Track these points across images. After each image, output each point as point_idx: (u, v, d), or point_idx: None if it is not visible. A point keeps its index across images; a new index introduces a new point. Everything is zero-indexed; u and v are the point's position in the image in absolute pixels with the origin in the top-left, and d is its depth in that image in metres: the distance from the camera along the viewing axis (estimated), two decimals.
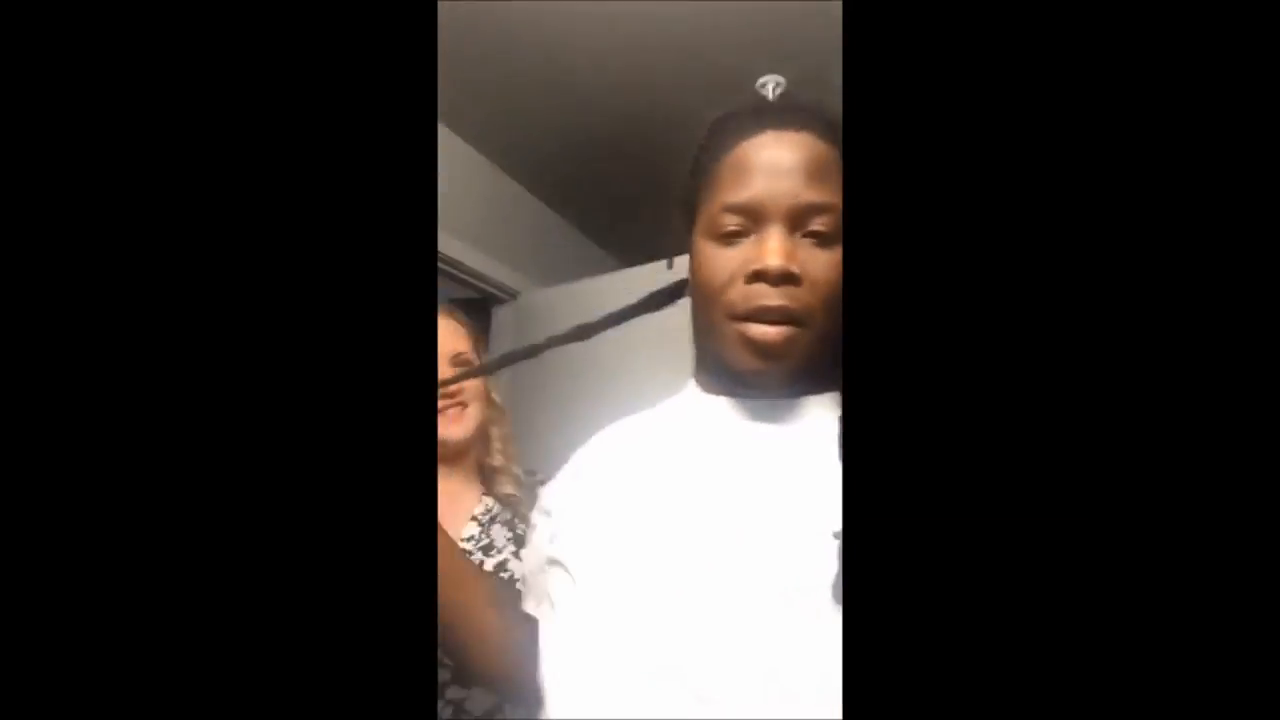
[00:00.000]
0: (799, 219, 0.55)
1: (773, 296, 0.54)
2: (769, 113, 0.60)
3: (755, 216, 0.56)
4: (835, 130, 0.58)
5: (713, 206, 0.58)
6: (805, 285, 0.55)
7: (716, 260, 0.57)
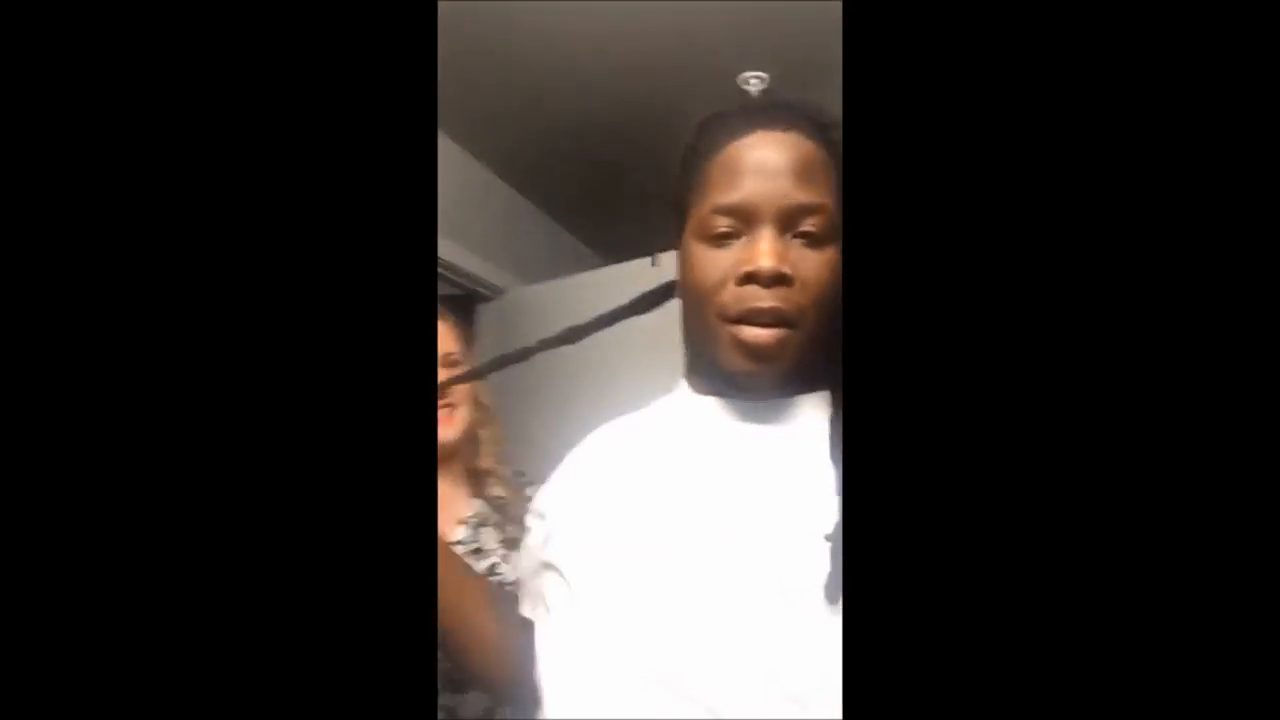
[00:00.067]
0: (790, 220, 0.55)
1: (765, 298, 0.54)
2: (757, 112, 0.59)
3: (746, 218, 0.56)
4: (823, 129, 0.58)
5: (703, 208, 0.58)
6: (797, 286, 0.55)
7: (707, 262, 0.57)
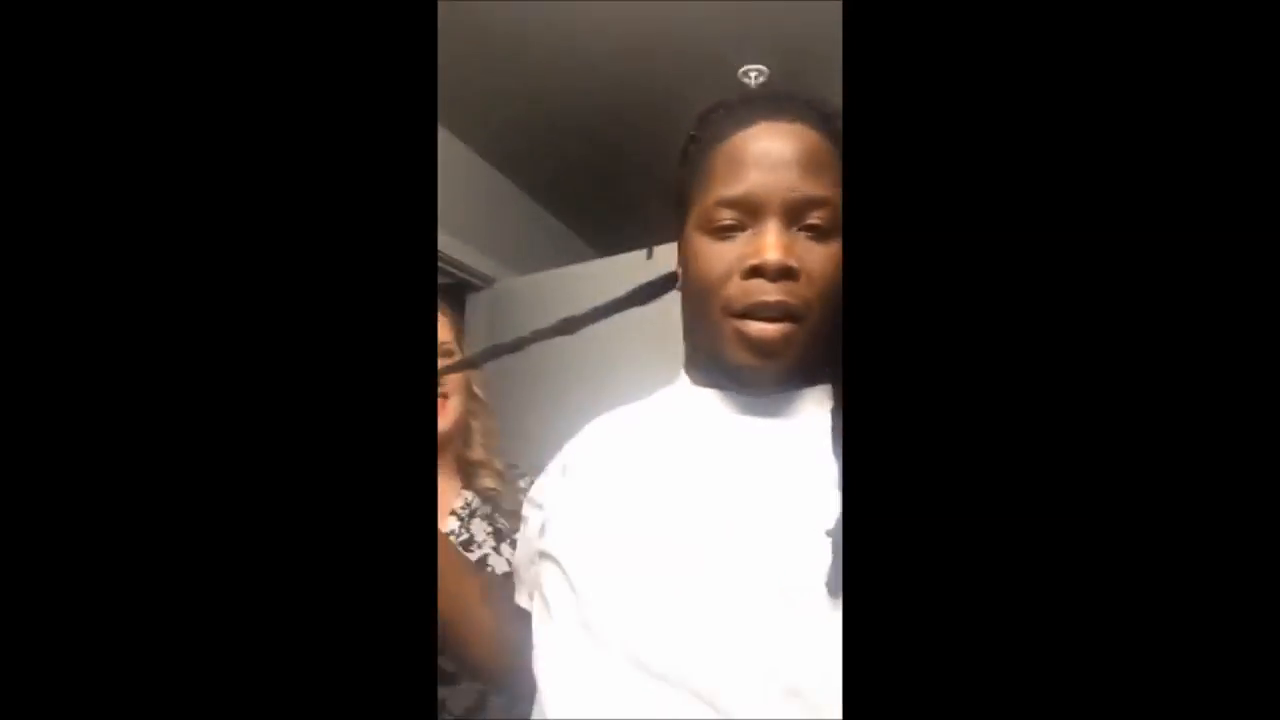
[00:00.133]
0: (796, 213, 0.54)
1: (772, 292, 0.53)
2: (761, 102, 0.58)
3: (751, 210, 0.55)
4: (827, 120, 0.57)
5: (706, 200, 0.57)
6: (803, 280, 0.54)
7: (712, 255, 0.56)
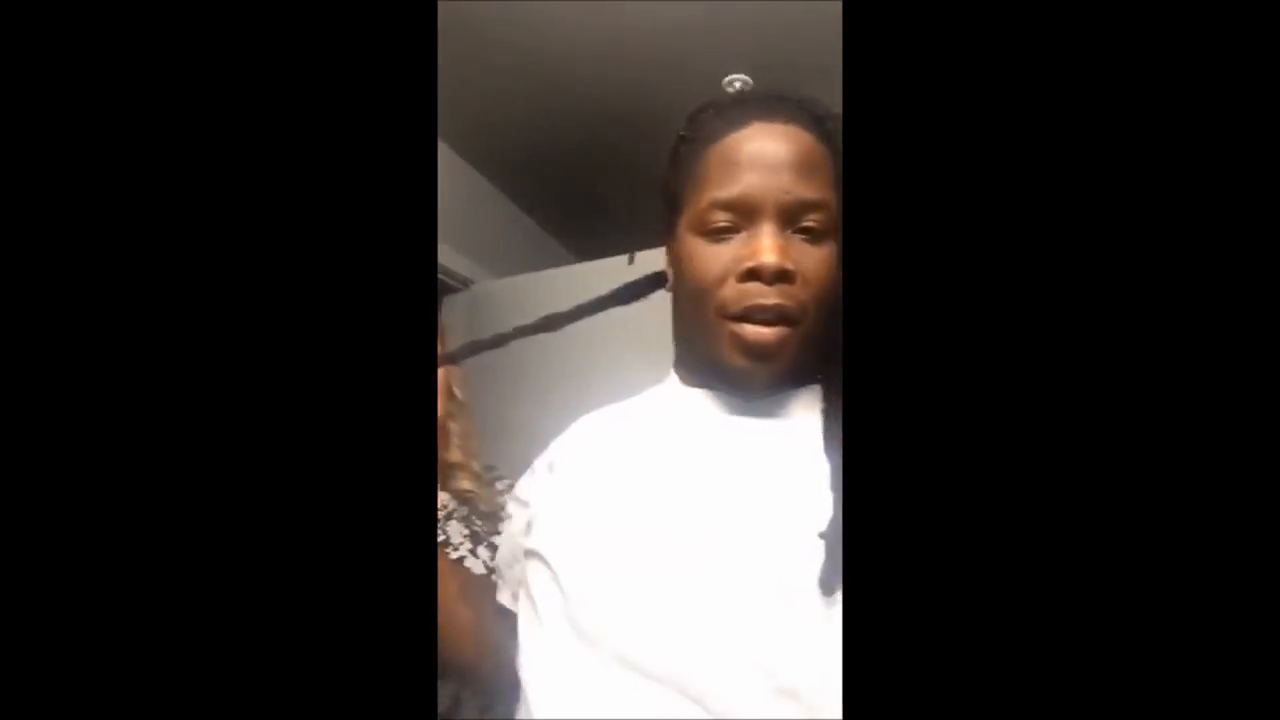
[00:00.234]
0: (791, 215, 0.54)
1: (768, 295, 0.53)
2: (753, 103, 0.58)
3: (746, 212, 0.55)
4: (820, 123, 0.57)
5: (699, 201, 0.57)
6: (798, 283, 0.54)
7: (706, 257, 0.56)
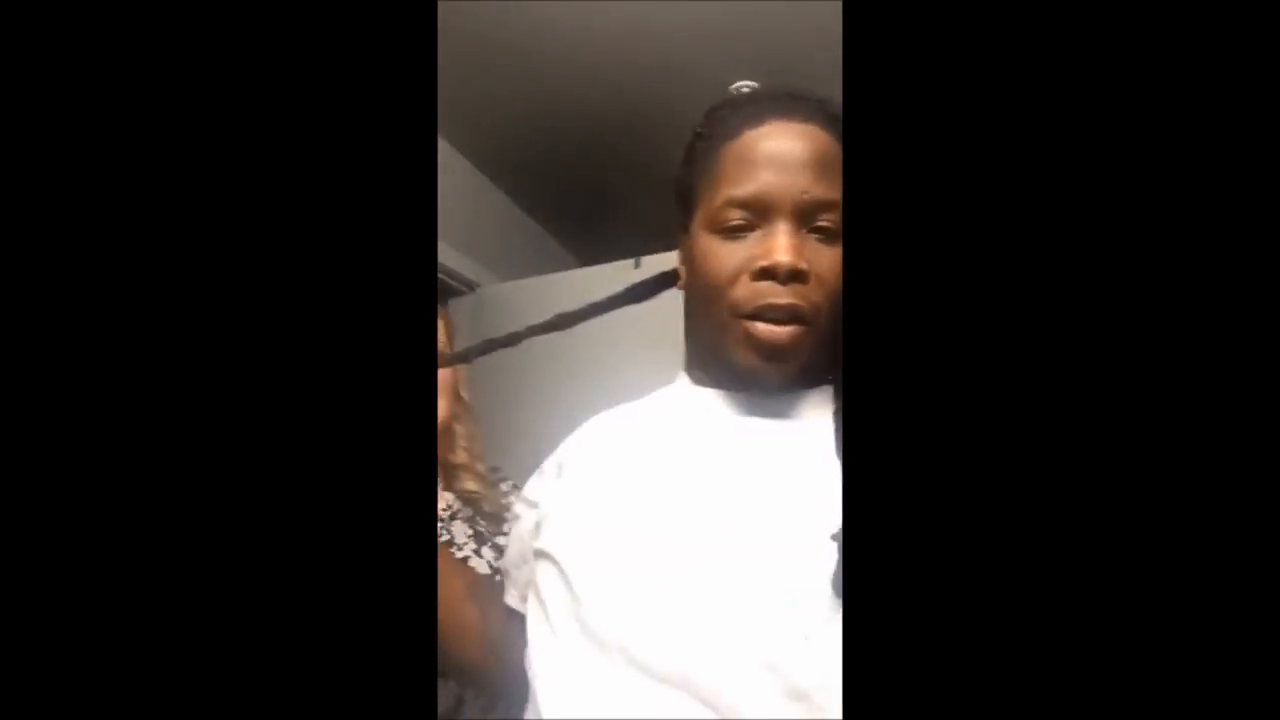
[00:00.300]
0: (806, 215, 0.54)
1: (781, 295, 0.53)
2: (771, 101, 0.58)
3: (761, 211, 0.55)
4: (837, 123, 0.57)
5: (715, 199, 0.56)
6: (812, 283, 0.54)
7: (720, 255, 0.56)
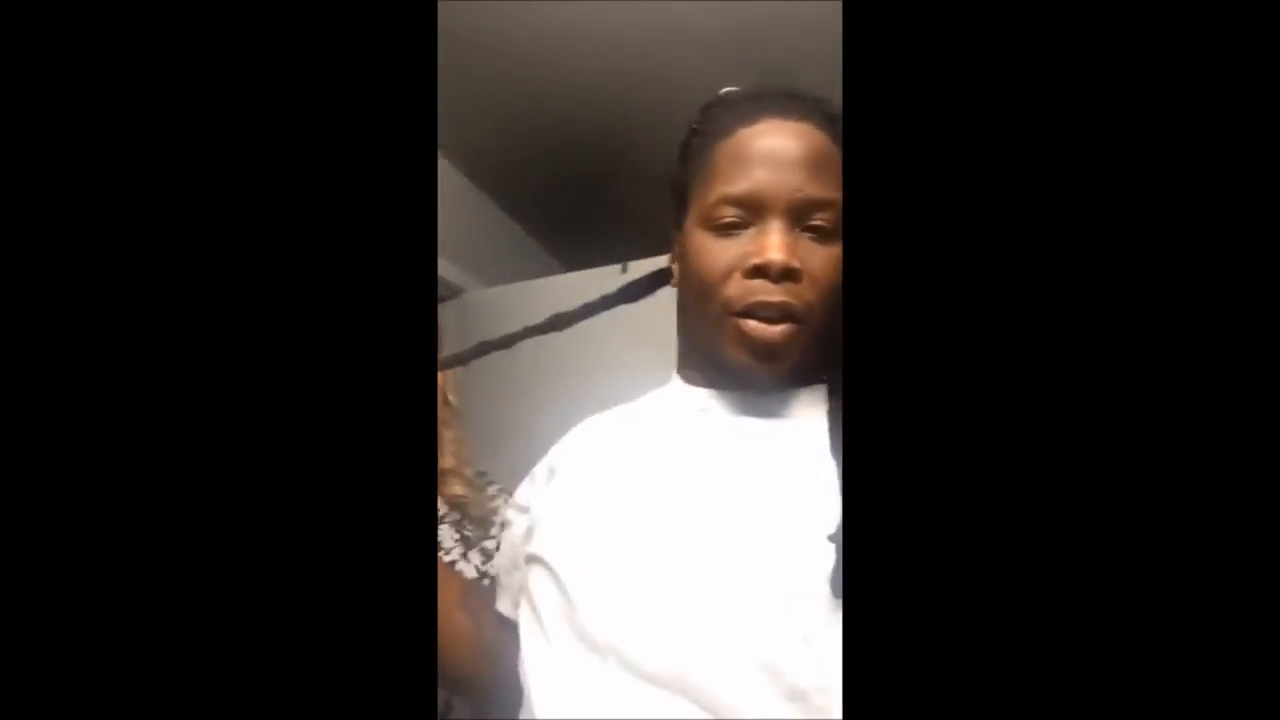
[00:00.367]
0: (800, 213, 0.54)
1: (774, 292, 0.53)
2: (767, 99, 0.58)
3: (755, 209, 0.54)
4: (833, 122, 0.57)
5: (709, 196, 0.56)
6: (805, 281, 0.53)
7: (713, 252, 0.55)
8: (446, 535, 1.03)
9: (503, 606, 0.63)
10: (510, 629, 0.58)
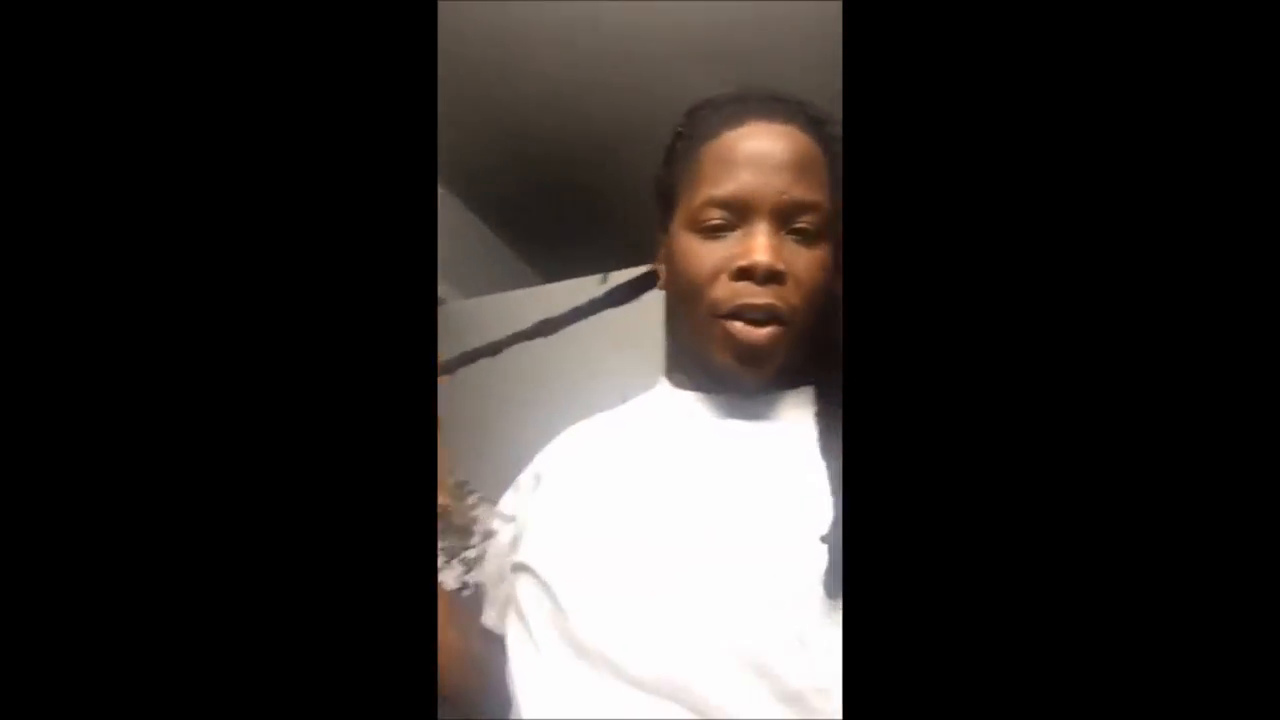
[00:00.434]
0: (785, 216, 0.54)
1: (759, 295, 0.53)
2: (752, 102, 0.58)
3: (741, 211, 0.54)
4: (818, 125, 0.57)
5: (695, 198, 0.56)
6: (790, 284, 0.53)
7: (699, 254, 0.55)
8: None
9: (489, 619, 0.62)
10: (496, 642, 0.57)
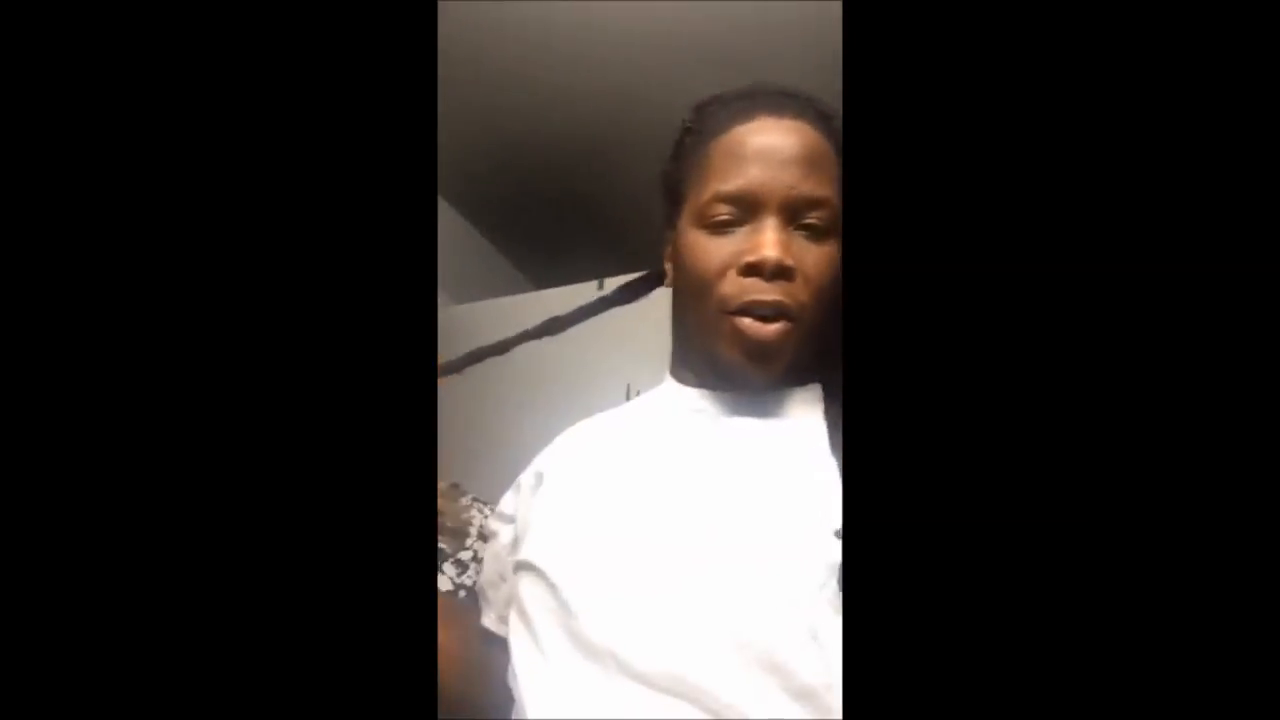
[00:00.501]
0: (794, 211, 0.54)
1: (767, 290, 0.52)
2: (760, 97, 0.58)
3: (749, 206, 0.54)
4: (827, 121, 0.57)
5: (703, 194, 0.56)
6: (798, 280, 0.53)
7: (708, 249, 0.55)
8: None
9: (488, 621, 0.61)
10: (497, 644, 0.56)
